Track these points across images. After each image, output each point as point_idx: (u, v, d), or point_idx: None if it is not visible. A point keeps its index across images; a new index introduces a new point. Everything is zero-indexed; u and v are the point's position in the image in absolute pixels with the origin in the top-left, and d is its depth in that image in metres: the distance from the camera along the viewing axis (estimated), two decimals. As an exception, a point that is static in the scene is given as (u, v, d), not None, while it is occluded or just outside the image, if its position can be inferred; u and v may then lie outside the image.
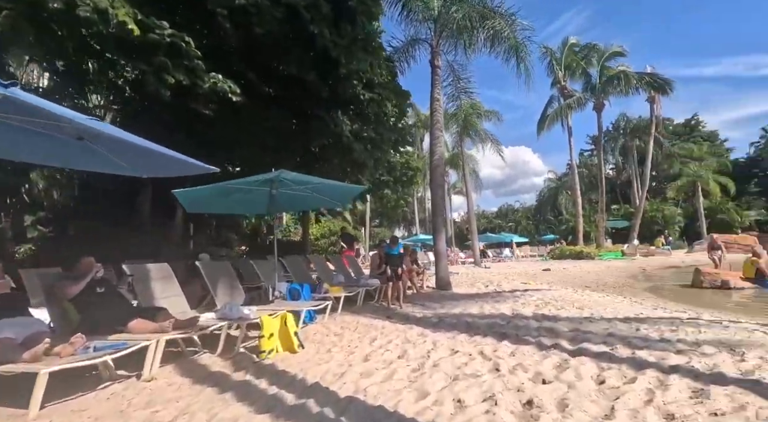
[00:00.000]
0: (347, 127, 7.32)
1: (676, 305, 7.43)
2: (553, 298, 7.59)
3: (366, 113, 7.66)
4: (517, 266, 20.99)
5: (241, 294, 5.47)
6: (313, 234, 20.37)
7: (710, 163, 35.89)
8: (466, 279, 12.73)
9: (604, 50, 25.04)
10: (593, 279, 13.53)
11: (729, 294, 9.71)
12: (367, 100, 7.37)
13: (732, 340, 3.80)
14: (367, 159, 7.74)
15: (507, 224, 62.07)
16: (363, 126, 7.72)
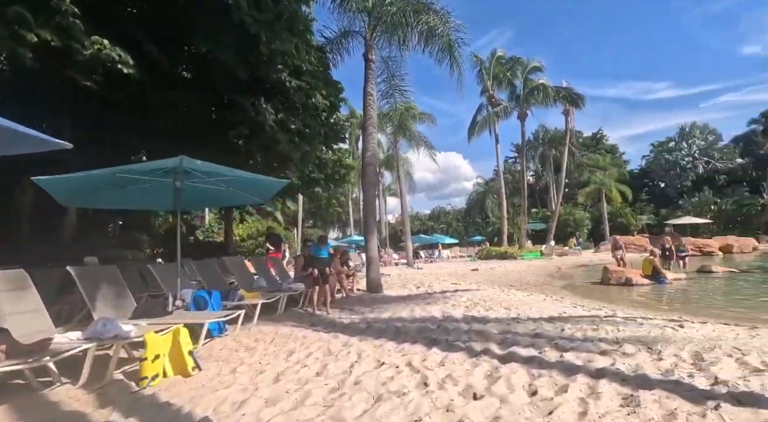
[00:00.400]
0: (271, 116, 6.62)
1: (591, 302, 7.86)
2: (482, 298, 7.59)
3: (293, 102, 7.00)
4: (448, 266, 21.49)
5: (131, 306, 4.54)
6: (239, 235, 18.92)
7: (612, 173, 40.47)
8: (399, 281, 12.55)
9: (527, 64, 26.89)
10: (517, 278, 14.17)
11: (632, 290, 10.66)
12: (293, 88, 6.72)
13: (648, 338, 3.89)
14: (293, 152, 7.08)
15: (439, 226, 64.18)
16: (289, 116, 7.06)
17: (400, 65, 10.41)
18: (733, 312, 6.84)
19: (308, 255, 7.11)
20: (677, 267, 14.31)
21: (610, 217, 38.53)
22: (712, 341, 3.58)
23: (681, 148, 48.03)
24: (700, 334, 3.92)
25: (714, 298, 8.62)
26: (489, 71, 28.42)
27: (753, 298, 8.43)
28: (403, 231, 22.57)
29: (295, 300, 7.19)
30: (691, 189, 43.07)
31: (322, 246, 7.62)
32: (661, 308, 7.49)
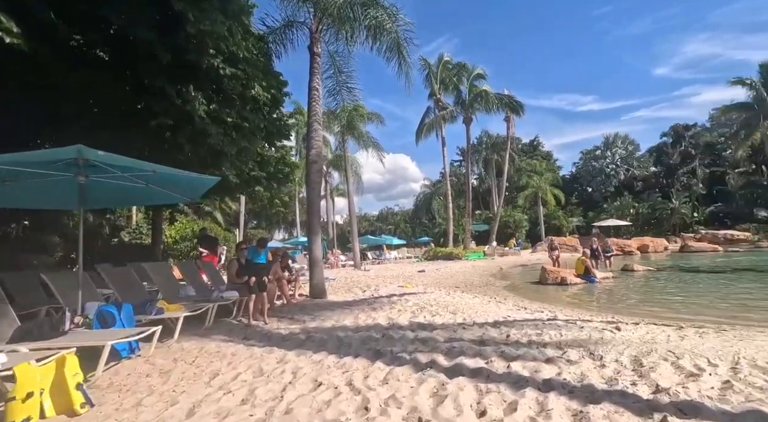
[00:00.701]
0: (202, 106, 5.91)
1: (532, 303, 8.06)
2: (429, 303, 7.46)
3: (227, 93, 6.33)
4: (395, 268, 21.45)
5: (10, 325, 3.72)
6: (171, 237, 17.36)
7: (548, 177, 43.30)
8: (345, 284, 12.16)
9: (472, 70, 27.81)
10: (462, 280, 14.40)
11: (567, 289, 11.22)
12: (227, 77, 6.06)
13: (589, 342, 3.90)
14: (228, 147, 6.41)
15: (387, 227, 64.62)
16: (224, 108, 6.38)
17: (347, 61, 10.07)
18: (657, 309, 7.34)
19: (244, 260, 6.49)
20: (604, 267, 15.41)
21: (546, 219, 41.13)
22: (647, 344, 3.66)
23: (606, 156, 52.71)
24: (636, 336, 4.02)
25: (639, 296, 9.27)
26: (436, 75, 28.97)
27: (671, 295, 9.18)
28: (350, 232, 22.17)
29: (229, 310, 6.54)
30: (614, 194, 47.36)
31: (261, 250, 7.03)
32: (595, 308, 7.86)
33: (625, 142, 52.49)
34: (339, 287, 11.24)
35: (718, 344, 3.55)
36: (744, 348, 3.34)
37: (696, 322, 5.38)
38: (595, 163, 52.80)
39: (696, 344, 3.56)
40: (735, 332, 4.27)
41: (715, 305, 7.59)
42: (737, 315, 6.35)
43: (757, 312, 6.54)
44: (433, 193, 56.16)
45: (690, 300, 8.32)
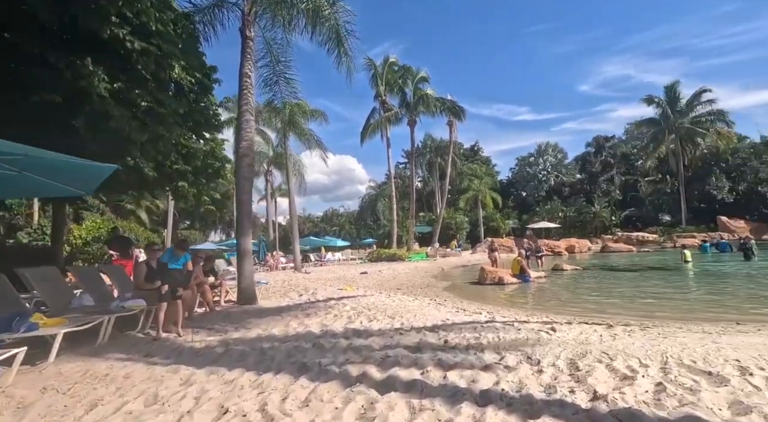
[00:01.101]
0: (103, 83, 5.00)
1: (471, 303, 8.03)
2: (367, 306, 7.10)
3: (137, 70, 5.44)
4: (338, 270, 20.91)
5: None
6: (81, 238, 15.30)
7: (487, 181, 45.28)
8: (281, 288, 11.42)
9: (416, 73, 28.15)
10: (404, 281, 14.27)
11: (504, 288, 11.51)
12: (137, 52, 5.19)
13: (526, 344, 3.77)
14: (136, 133, 5.49)
15: (331, 228, 63.61)
16: (133, 88, 5.49)
17: (286, 50, 9.42)
18: (586, 307, 7.65)
19: (155, 265, 5.64)
20: (536, 266, 16.20)
21: (485, 221, 42.91)
22: (582, 345, 3.59)
23: (538, 163, 56.45)
24: (570, 337, 3.97)
25: (569, 294, 9.69)
26: (382, 76, 28.92)
27: (596, 293, 9.71)
28: (291, 234, 21.23)
29: (136, 321, 5.64)
30: (545, 198, 50.79)
31: (181, 253, 6.18)
32: (530, 307, 8.02)
33: (555, 150, 56.65)
34: (274, 291, 10.50)
35: (646, 343, 3.58)
36: (670, 347, 3.38)
37: (622, 320, 5.58)
38: (529, 169, 56.30)
39: (627, 344, 3.56)
40: (658, 329, 4.42)
41: (635, 301, 8.10)
42: (655, 312, 6.77)
43: (670, 310, 7.02)
44: (379, 195, 56.30)
45: (613, 297, 8.84)
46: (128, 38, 5.09)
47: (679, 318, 5.92)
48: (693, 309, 6.93)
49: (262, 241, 24.03)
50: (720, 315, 6.15)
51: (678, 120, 38.53)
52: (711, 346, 3.34)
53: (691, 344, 3.44)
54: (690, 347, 3.33)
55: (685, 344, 3.45)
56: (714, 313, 6.35)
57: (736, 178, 36.95)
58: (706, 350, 3.22)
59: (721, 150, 39.21)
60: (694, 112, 38.60)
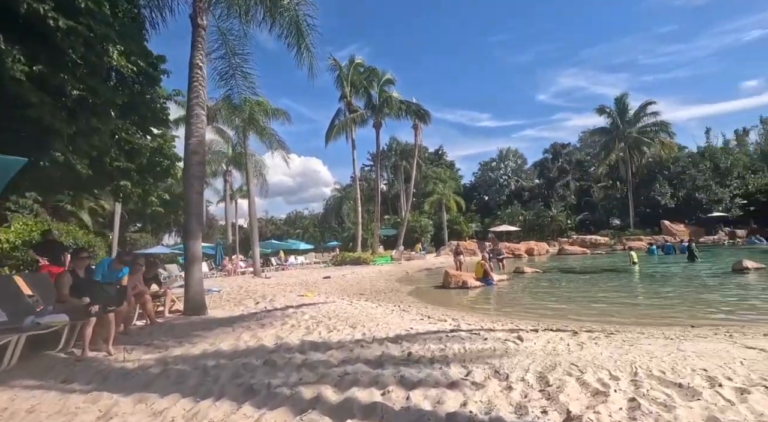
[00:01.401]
0: (18, 64, 4.30)
1: (435, 309, 7.84)
2: (327, 315, 6.72)
3: (62, 52, 4.73)
4: (300, 274, 20.26)
5: None
6: (8, 242, 13.71)
7: (451, 185, 46.01)
8: (237, 295, 10.75)
9: (382, 75, 28.05)
10: (368, 286, 13.96)
11: (467, 292, 11.48)
12: (62, 31, 4.51)
13: (494, 356, 3.56)
14: (61, 124, 4.79)
15: (295, 231, 62.11)
16: (58, 72, 4.78)
17: (243, 43, 8.86)
18: (549, 312, 7.68)
19: (86, 277, 4.97)
20: (498, 269, 16.43)
21: (448, 224, 43.52)
22: (550, 356, 3.44)
23: (500, 168, 58.17)
24: (538, 347, 3.81)
25: (531, 298, 9.76)
26: (347, 77, 28.58)
27: (557, 297, 9.85)
28: (251, 237, 20.32)
29: (58, 339, 4.93)
30: (506, 202, 52.35)
31: (119, 266, 5.50)
32: (495, 312, 7.95)
33: (516, 156, 58.67)
34: (229, 299, 9.83)
35: (614, 352, 3.48)
36: (638, 357, 3.29)
37: (584, 325, 5.57)
38: (491, 174, 57.85)
39: (595, 354, 3.44)
40: (622, 336, 4.39)
41: (594, 305, 8.24)
42: (613, 315, 6.88)
43: (628, 313, 7.16)
44: (344, 197, 55.71)
45: (573, 301, 8.98)
46: (51, 15, 4.42)
47: (637, 322, 6.03)
48: (648, 313, 7.09)
49: (219, 245, 22.86)
50: (674, 318, 6.34)
51: (627, 129, 41.02)
52: (677, 355, 3.29)
53: (658, 352, 3.38)
54: (657, 356, 3.26)
55: (652, 352, 3.38)
56: (670, 317, 6.52)
57: (676, 185, 39.76)
58: (673, 359, 3.15)
59: (664, 159, 42.15)
60: (641, 122, 41.28)
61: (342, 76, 28.55)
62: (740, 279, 10.71)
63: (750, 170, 40.58)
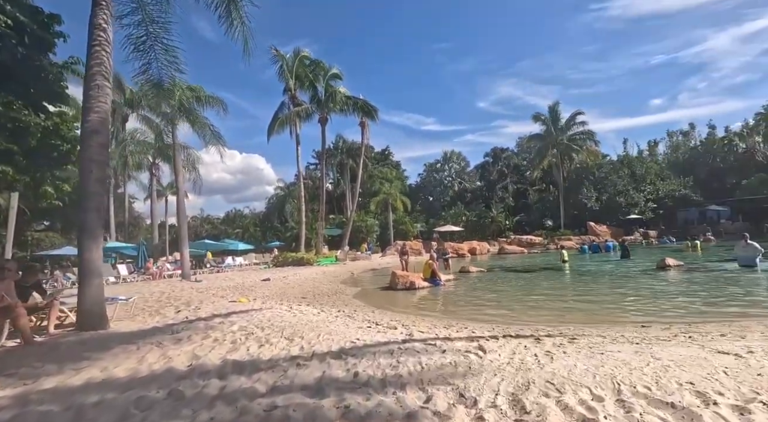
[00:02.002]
0: None
1: (383, 313, 7.24)
2: (260, 324, 5.82)
3: None
4: (236, 277, 18.70)
5: None
6: None
7: (397, 185, 46.03)
8: (156, 302, 9.34)
9: (328, 69, 27.03)
10: (310, 288, 13.05)
11: (415, 293, 11.07)
12: None
13: (456, 374, 3.01)
14: None
15: (234, 230, 58.51)
16: None
17: (164, 10, 7.60)
18: (502, 313, 7.43)
19: None
20: (443, 269, 16.33)
21: (394, 225, 43.46)
22: (521, 372, 2.96)
23: (444, 170, 59.60)
24: (504, 360, 3.34)
25: (481, 299, 9.49)
26: (292, 70, 27.20)
27: (506, 297, 9.72)
28: (180, 236, 18.36)
29: None
30: (450, 203, 53.67)
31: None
32: (447, 315, 7.54)
33: (459, 158, 60.47)
34: (145, 307, 8.46)
35: (587, 363, 3.10)
36: (615, 369, 2.92)
37: (541, 328, 5.29)
38: (436, 175, 59.05)
39: (568, 366, 3.03)
40: (586, 340, 4.11)
41: (544, 304, 8.17)
42: (565, 315, 6.77)
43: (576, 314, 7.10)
44: (287, 196, 53.52)
45: (523, 300, 8.86)
46: None
47: (590, 322, 5.91)
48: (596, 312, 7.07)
49: (143, 245, 20.43)
50: (623, 317, 6.35)
51: (559, 136, 43.90)
52: (655, 365, 2.97)
53: (634, 362, 3.05)
54: (635, 367, 2.92)
55: (628, 362, 3.04)
56: (618, 315, 6.51)
57: (600, 190, 43.35)
58: (653, 370, 2.82)
59: (590, 165, 45.81)
60: (571, 130, 44.39)
61: (286, 68, 27.10)
62: (666, 276, 11.47)
63: (660, 177, 45.39)
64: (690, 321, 5.61)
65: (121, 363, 4.11)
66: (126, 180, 30.72)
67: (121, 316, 7.12)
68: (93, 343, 5.02)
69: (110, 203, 34.84)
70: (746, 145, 46.96)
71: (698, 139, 56.70)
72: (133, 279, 18.78)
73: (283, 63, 27.06)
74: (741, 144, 47.34)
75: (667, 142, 62.13)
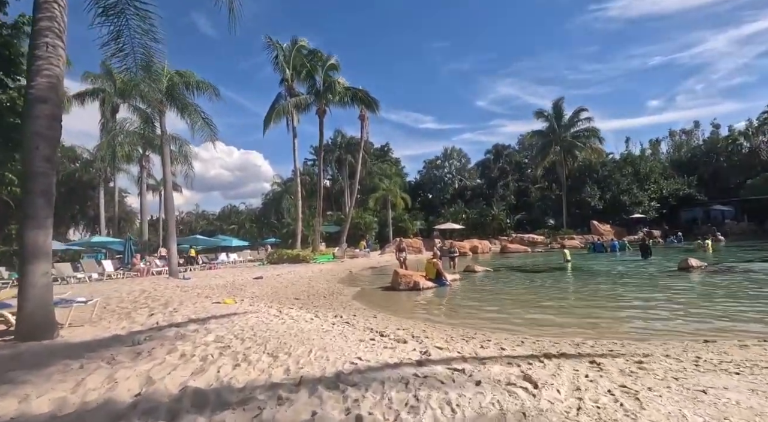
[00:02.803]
0: None
1: (388, 321, 6.25)
2: (241, 334, 4.85)
3: None
4: (228, 274, 17.71)
5: None
6: None
7: (397, 181, 44.98)
8: (130, 302, 8.36)
9: (326, 59, 25.90)
10: (305, 288, 12.08)
11: (419, 294, 10.12)
12: None
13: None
14: None
15: (229, 227, 57.40)
16: None
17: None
18: (521, 319, 6.49)
19: None
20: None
21: (393, 222, 42.48)
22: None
23: (444, 166, 58.56)
24: (570, 402, 2.37)
25: (496, 303, 8.48)
26: (289, 60, 26.11)
27: (523, 301, 8.75)
28: (168, 231, 17.33)
29: None
30: (450, 200, 52.67)
31: None
32: (461, 322, 6.59)
33: (460, 155, 59.40)
34: (117, 308, 7.48)
35: (698, 411, 2.13)
36: (732, 416, 1.95)
37: (577, 339, 4.33)
38: (436, 172, 57.98)
39: (672, 417, 2.06)
40: (660, 366, 3.14)
41: (570, 311, 7.23)
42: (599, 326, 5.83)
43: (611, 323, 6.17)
44: (284, 192, 52.40)
45: (543, 305, 7.91)
46: None
47: (632, 335, 4.97)
48: (631, 321, 6.15)
49: (130, 240, 19.37)
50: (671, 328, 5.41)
51: (562, 133, 42.95)
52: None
53: (756, 404, 2.09)
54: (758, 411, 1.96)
55: (759, 411, 2.09)
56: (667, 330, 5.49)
57: (604, 188, 42.47)
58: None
59: (593, 163, 44.92)
60: (575, 127, 43.42)
61: (283, 58, 25.99)
62: (691, 277, 10.57)
63: (663, 176, 44.57)
64: (759, 332, 4.69)
65: (49, 390, 3.13)
66: (116, 172, 29.55)
67: (82, 320, 6.14)
68: (27, 359, 4.03)
69: (101, 197, 33.74)
70: (751, 145, 46.16)
71: (701, 138, 55.97)
72: (119, 275, 17.74)
73: (279, 52, 25.96)
74: (745, 143, 46.54)
75: (669, 140, 61.40)
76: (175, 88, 16.31)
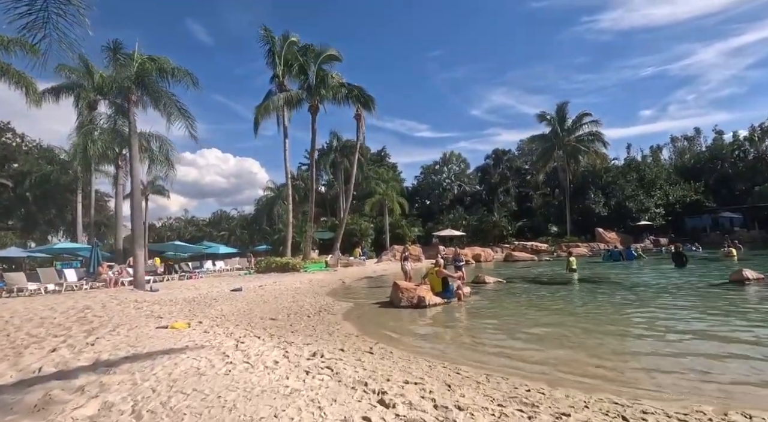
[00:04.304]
0: None
1: (388, 358, 4.28)
2: (146, 400, 2.90)
3: None
4: (206, 285, 15.71)
5: None
6: None
7: (394, 186, 43.15)
8: (50, 326, 6.37)
9: (320, 52, 24.17)
10: (288, 303, 10.11)
11: (425, 312, 8.23)
12: None
13: None
14: None
15: (219, 233, 55.16)
16: None
17: None
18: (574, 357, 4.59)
19: None
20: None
21: (390, 228, 40.60)
22: None
23: (443, 172, 56.85)
24: None
25: (523, 327, 6.62)
26: (281, 55, 24.40)
27: (551, 323, 6.94)
28: (133, 236, 15.31)
29: None
30: (449, 206, 50.91)
31: None
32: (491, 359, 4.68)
33: (459, 160, 57.73)
34: (23, 336, 5.53)
35: None
36: None
37: (696, 406, 2.45)
38: (434, 177, 56.26)
39: None
40: None
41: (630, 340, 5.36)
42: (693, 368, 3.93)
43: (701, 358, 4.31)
44: (277, 197, 50.38)
45: (577, 330, 6.06)
46: None
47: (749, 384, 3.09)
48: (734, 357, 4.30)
49: (97, 246, 17.32)
50: None
51: (565, 137, 41.45)
52: None
53: None
54: None
55: None
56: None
57: (608, 194, 40.90)
58: None
59: (597, 168, 43.43)
60: (579, 131, 41.93)
61: (274, 52, 24.28)
62: (754, 292, 8.75)
63: (669, 182, 43.12)
64: None
65: None
66: (92, 173, 27.47)
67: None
68: None
69: (78, 200, 31.63)
70: (757, 151, 44.93)
71: (704, 145, 54.82)
72: (82, 286, 15.64)
73: (273, 45, 24.26)
74: (751, 149, 45.30)
75: (671, 146, 60.28)
76: (147, 74, 14.45)
